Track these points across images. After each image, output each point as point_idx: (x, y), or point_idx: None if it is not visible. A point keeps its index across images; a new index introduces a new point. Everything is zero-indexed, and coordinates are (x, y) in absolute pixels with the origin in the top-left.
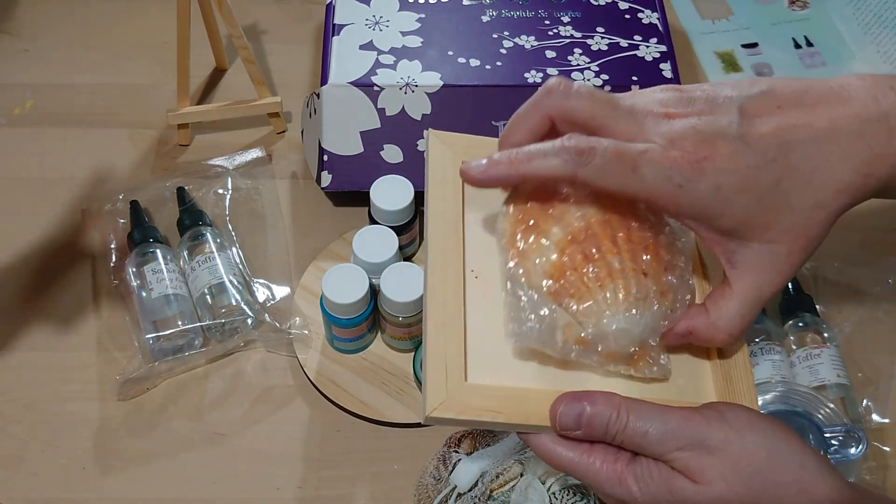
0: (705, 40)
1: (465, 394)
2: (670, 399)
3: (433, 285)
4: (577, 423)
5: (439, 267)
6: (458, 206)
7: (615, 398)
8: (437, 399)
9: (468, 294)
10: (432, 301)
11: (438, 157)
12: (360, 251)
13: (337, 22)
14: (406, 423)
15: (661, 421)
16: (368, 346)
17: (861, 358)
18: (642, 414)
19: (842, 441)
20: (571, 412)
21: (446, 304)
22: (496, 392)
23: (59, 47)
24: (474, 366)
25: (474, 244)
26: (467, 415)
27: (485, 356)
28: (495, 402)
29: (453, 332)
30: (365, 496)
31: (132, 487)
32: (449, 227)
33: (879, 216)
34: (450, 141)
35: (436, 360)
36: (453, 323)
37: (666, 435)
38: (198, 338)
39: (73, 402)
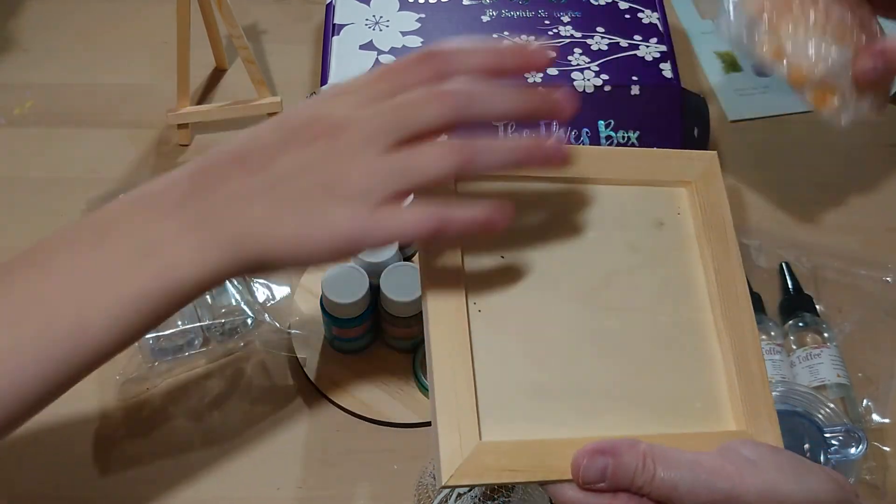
0: (705, 40)
1: (482, 455)
2: (689, 426)
3: (437, 332)
4: (602, 477)
5: (441, 309)
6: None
7: (639, 446)
8: (453, 465)
9: (473, 332)
10: (437, 350)
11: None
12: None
13: (337, 22)
14: (406, 423)
15: (690, 471)
16: (368, 346)
17: (861, 358)
18: (670, 463)
19: (842, 441)
20: (595, 466)
21: (452, 351)
22: (513, 448)
23: (59, 47)
24: (487, 418)
25: (475, 273)
26: (486, 478)
27: (497, 404)
28: (513, 460)
29: (463, 381)
30: (365, 496)
31: (132, 487)
32: (447, 261)
33: (880, 216)
34: None
35: (448, 419)
36: (462, 372)
37: (697, 486)
38: (198, 338)
39: (73, 402)
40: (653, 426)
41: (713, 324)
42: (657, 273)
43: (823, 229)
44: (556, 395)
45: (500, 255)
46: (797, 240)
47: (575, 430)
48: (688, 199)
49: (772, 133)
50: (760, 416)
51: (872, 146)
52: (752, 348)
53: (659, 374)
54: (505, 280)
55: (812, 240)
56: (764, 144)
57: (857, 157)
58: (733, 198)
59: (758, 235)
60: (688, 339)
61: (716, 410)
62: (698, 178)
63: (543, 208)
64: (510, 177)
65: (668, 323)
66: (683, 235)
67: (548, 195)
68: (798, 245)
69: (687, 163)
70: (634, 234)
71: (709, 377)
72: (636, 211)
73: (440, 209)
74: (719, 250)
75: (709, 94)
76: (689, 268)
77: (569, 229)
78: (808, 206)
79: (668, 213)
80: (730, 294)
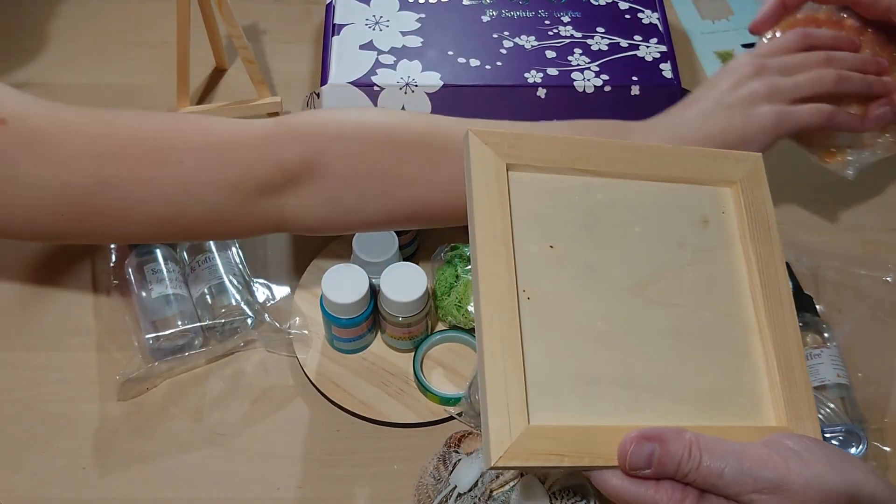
0: (705, 40)
1: (530, 439)
2: (731, 420)
3: (488, 314)
4: (648, 463)
5: (493, 292)
6: (506, 220)
7: (686, 435)
8: (502, 447)
9: (523, 319)
10: (489, 332)
11: (481, 161)
12: (360, 251)
13: (337, 22)
14: (406, 423)
15: (736, 460)
16: (368, 346)
17: (861, 358)
18: (716, 452)
19: (842, 441)
20: (643, 452)
21: (503, 336)
22: (560, 433)
23: (58, 47)
24: (535, 402)
25: (524, 260)
26: (533, 461)
27: (545, 389)
28: (560, 444)
29: (513, 366)
30: (365, 496)
31: (132, 487)
32: (499, 246)
33: (879, 216)
34: (491, 140)
35: (497, 401)
36: (511, 356)
37: (742, 475)
38: (198, 338)
39: (73, 402)
40: (696, 418)
41: (756, 322)
42: (702, 270)
43: (823, 229)
44: (601, 385)
45: (550, 244)
46: (797, 240)
47: (620, 419)
48: (733, 198)
49: None
50: (802, 416)
51: None
52: (795, 348)
53: (702, 369)
54: (553, 269)
55: (812, 240)
56: None
57: None
58: None
59: None
60: (731, 335)
61: (757, 407)
62: (743, 178)
63: (592, 202)
64: (559, 169)
65: (712, 319)
66: (728, 234)
67: (596, 188)
68: (798, 245)
69: (732, 163)
70: (680, 231)
71: (752, 373)
72: (682, 208)
73: (830, 108)
74: (763, 250)
75: None
76: (734, 266)
77: (616, 223)
78: (807, 206)
79: (714, 211)
80: (773, 294)
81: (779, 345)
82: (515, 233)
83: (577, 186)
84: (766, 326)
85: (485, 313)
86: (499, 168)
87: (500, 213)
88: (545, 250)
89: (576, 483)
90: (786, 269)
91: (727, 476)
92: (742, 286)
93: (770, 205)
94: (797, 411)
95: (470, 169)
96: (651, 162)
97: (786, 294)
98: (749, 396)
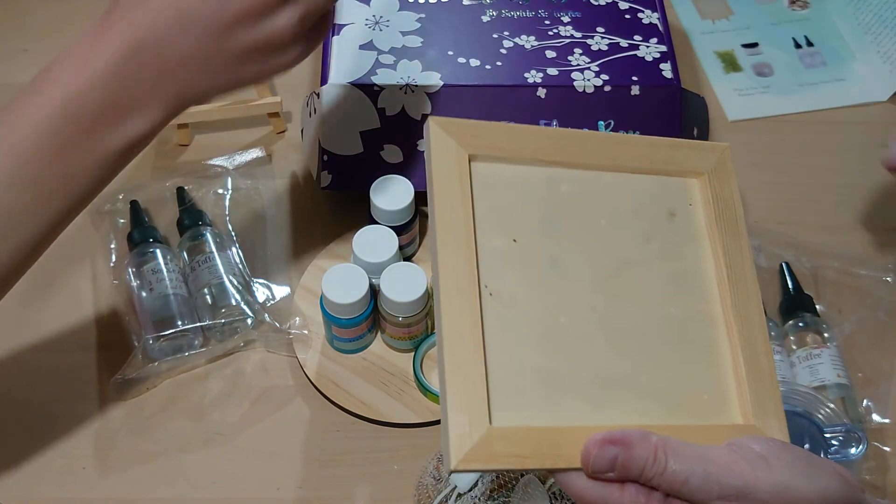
0: (705, 40)
1: (491, 440)
2: (697, 418)
3: (448, 311)
4: (611, 466)
5: (453, 289)
6: (468, 213)
7: (651, 438)
8: (462, 450)
9: (485, 316)
10: (449, 330)
11: (442, 151)
12: (360, 251)
13: (337, 22)
14: (406, 423)
15: (702, 466)
16: (368, 346)
17: (861, 358)
18: (682, 457)
19: (842, 441)
20: (606, 456)
21: (463, 334)
22: (523, 434)
23: (59, 47)
24: (497, 402)
25: (487, 255)
26: (495, 463)
27: (507, 389)
28: (522, 445)
29: (474, 366)
30: (365, 496)
31: (132, 487)
32: (460, 240)
33: (879, 216)
34: (453, 129)
35: (457, 402)
36: (472, 355)
37: (708, 482)
38: (198, 338)
39: (73, 402)
40: (661, 417)
41: (723, 317)
42: (669, 265)
43: (823, 229)
44: (566, 384)
45: (513, 238)
46: (797, 240)
47: (584, 418)
48: (700, 190)
49: (772, 133)
50: (768, 412)
51: (872, 146)
52: (762, 343)
53: (668, 366)
54: (517, 264)
55: (812, 240)
56: (764, 144)
57: (857, 157)
58: None
59: (758, 235)
60: (697, 331)
61: (723, 404)
62: (711, 169)
63: (557, 194)
64: (523, 160)
65: (678, 315)
66: (695, 227)
67: (561, 180)
68: (798, 245)
69: (700, 154)
70: (647, 224)
71: (717, 370)
72: (648, 201)
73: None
74: (731, 244)
75: (709, 94)
76: (701, 260)
77: (581, 216)
78: (808, 206)
79: (681, 204)
80: (740, 289)
81: (745, 342)
82: (478, 226)
83: (542, 178)
84: (733, 322)
85: (445, 311)
86: (461, 158)
87: (462, 206)
88: (508, 244)
89: None
90: (753, 263)
91: (692, 482)
92: (709, 281)
93: (738, 197)
94: (763, 408)
95: (431, 159)
96: (617, 152)
97: (753, 288)
98: (715, 393)
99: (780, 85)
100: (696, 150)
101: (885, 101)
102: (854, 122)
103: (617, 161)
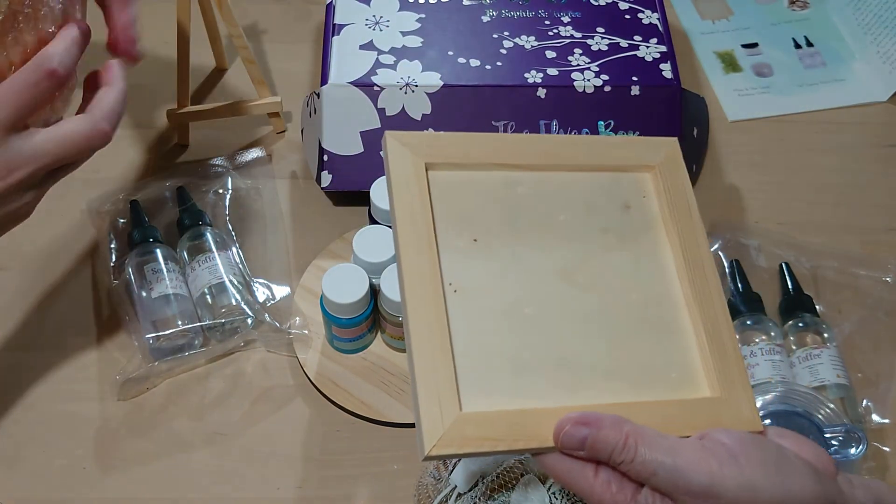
0: (705, 40)
1: (463, 425)
2: (666, 394)
3: (414, 309)
4: (581, 445)
5: (418, 287)
6: (428, 219)
7: (624, 426)
8: (435, 436)
9: (450, 310)
10: (415, 327)
11: (399, 162)
12: (360, 251)
13: (337, 22)
14: (406, 423)
15: (671, 459)
16: (368, 346)
17: (861, 358)
18: (653, 447)
19: (842, 441)
20: (577, 434)
21: (430, 328)
22: (493, 418)
23: None
24: (467, 390)
25: (449, 255)
26: (467, 447)
27: (476, 377)
28: (494, 429)
29: (441, 357)
30: (365, 496)
31: (132, 487)
32: (422, 242)
33: (879, 216)
34: (409, 141)
35: (427, 392)
36: (440, 347)
37: (675, 475)
38: (198, 338)
39: (73, 402)
40: (631, 395)
41: (683, 298)
42: (627, 253)
43: (823, 229)
44: (534, 368)
45: (474, 238)
46: (797, 240)
47: (555, 400)
48: (652, 183)
49: (772, 133)
50: (735, 385)
51: (872, 146)
52: (723, 319)
53: (634, 347)
54: (479, 261)
55: (812, 240)
56: (764, 144)
57: (856, 157)
58: (733, 198)
59: (758, 235)
60: (660, 313)
61: (691, 379)
62: (661, 162)
63: (514, 195)
64: (480, 165)
65: (639, 300)
66: (650, 217)
67: (517, 182)
68: (798, 245)
69: (650, 148)
70: (604, 217)
71: (682, 348)
72: (604, 195)
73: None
74: (685, 230)
75: (709, 94)
76: (658, 247)
77: (540, 214)
78: (807, 206)
79: (635, 196)
80: (698, 271)
81: (707, 318)
82: (438, 230)
83: (499, 181)
84: (693, 302)
85: (410, 308)
86: (417, 168)
87: (422, 213)
88: (469, 244)
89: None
90: (709, 247)
91: (660, 474)
92: (667, 266)
93: (689, 187)
94: (729, 380)
95: (389, 171)
96: (571, 152)
97: (710, 270)
98: (682, 370)
99: (779, 85)
100: (645, 145)
101: (885, 101)
102: (854, 122)
103: (571, 161)
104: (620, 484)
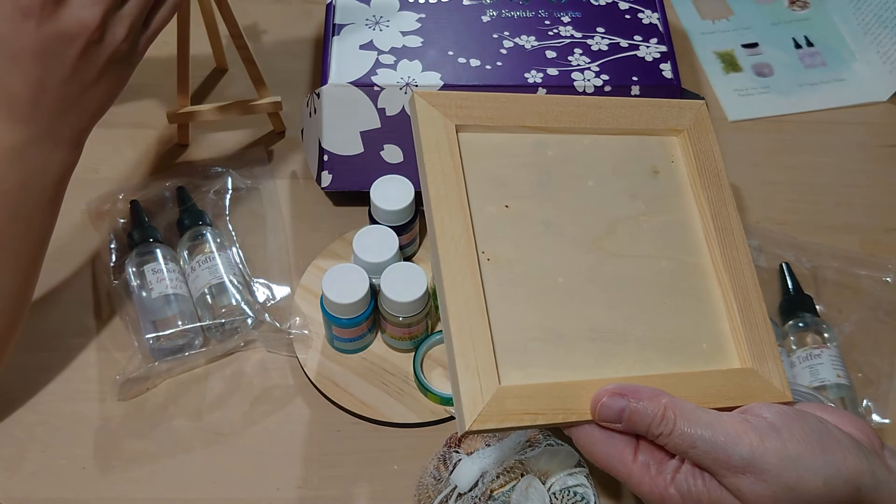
0: (705, 40)
1: (502, 399)
2: (698, 365)
3: (450, 279)
4: (618, 417)
5: (453, 257)
6: (460, 183)
7: (662, 397)
8: (476, 410)
9: (485, 280)
10: (452, 298)
11: (429, 123)
12: (360, 251)
13: (337, 22)
14: (406, 423)
15: (710, 432)
16: (368, 346)
17: (861, 358)
18: (691, 420)
19: None
20: (614, 405)
21: (467, 299)
22: (532, 392)
23: None
24: (505, 362)
25: (481, 222)
26: (508, 421)
27: (513, 349)
28: (533, 402)
29: (479, 329)
30: (365, 496)
31: (132, 487)
32: (455, 209)
33: (879, 216)
34: (439, 102)
35: (466, 366)
36: (477, 319)
37: (716, 449)
38: (198, 338)
39: (73, 402)
40: (663, 366)
41: (713, 267)
42: (657, 219)
43: (823, 229)
44: (569, 340)
45: (505, 204)
46: (797, 240)
47: (590, 372)
48: (681, 147)
49: (772, 133)
50: (765, 356)
51: (872, 146)
52: (753, 289)
53: (665, 317)
54: (511, 229)
55: (812, 240)
56: (764, 144)
57: (857, 157)
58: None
59: (758, 235)
60: (690, 282)
61: (721, 350)
62: (689, 126)
63: (544, 158)
64: (509, 128)
65: (670, 267)
66: (679, 183)
67: (547, 145)
68: (798, 245)
69: (678, 112)
70: (632, 182)
71: (713, 318)
72: (632, 160)
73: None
74: (715, 196)
75: (709, 94)
76: (687, 214)
77: (569, 178)
78: (808, 206)
79: (663, 161)
80: (728, 238)
81: (737, 287)
82: (470, 194)
83: (528, 144)
84: (724, 271)
85: (447, 279)
86: (448, 130)
87: (454, 176)
88: (501, 210)
89: (576, 483)
90: (738, 215)
91: (700, 447)
92: (696, 233)
93: (718, 151)
94: (760, 351)
95: (419, 133)
96: (598, 115)
97: (740, 238)
98: (713, 341)
99: (780, 85)
100: (674, 108)
101: (885, 101)
102: (854, 122)
103: (599, 123)
104: (659, 467)
